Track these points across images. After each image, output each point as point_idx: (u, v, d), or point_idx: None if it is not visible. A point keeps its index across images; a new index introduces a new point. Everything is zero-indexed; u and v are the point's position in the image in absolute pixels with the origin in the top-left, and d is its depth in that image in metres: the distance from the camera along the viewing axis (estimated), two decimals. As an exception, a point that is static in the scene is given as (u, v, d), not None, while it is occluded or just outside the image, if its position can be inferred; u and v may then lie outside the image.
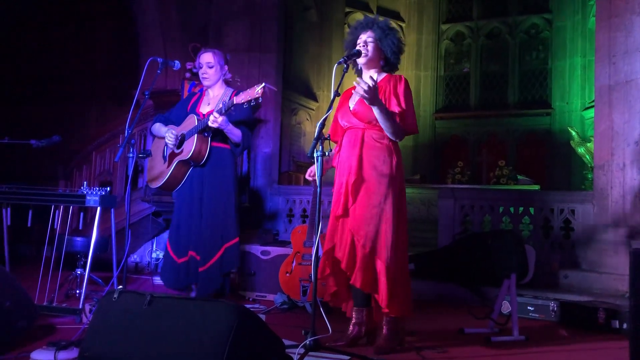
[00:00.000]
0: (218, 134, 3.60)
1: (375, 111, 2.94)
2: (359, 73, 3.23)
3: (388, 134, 3.01)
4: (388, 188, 2.97)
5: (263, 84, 3.22)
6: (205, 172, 3.64)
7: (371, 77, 2.92)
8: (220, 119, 3.40)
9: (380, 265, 2.91)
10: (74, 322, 3.41)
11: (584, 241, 5.16)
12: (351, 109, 3.10)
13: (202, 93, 3.86)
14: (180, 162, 3.60)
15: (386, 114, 2.94)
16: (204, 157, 3.59)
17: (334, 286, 3.12)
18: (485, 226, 5.64)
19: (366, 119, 3.02)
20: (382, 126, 2.98)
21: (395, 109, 3.00)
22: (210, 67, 3.72)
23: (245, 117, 3.64)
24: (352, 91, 3.11)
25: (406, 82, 3.10)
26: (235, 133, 3.59)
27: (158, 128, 3.78)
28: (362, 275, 2.89)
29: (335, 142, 3.26)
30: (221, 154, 3.66)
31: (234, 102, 3.34)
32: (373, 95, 2.84)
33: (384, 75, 3.16)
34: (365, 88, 2.79)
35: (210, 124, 3.42)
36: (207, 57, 3.73)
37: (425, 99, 10.24)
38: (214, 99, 3.74)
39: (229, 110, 3.41)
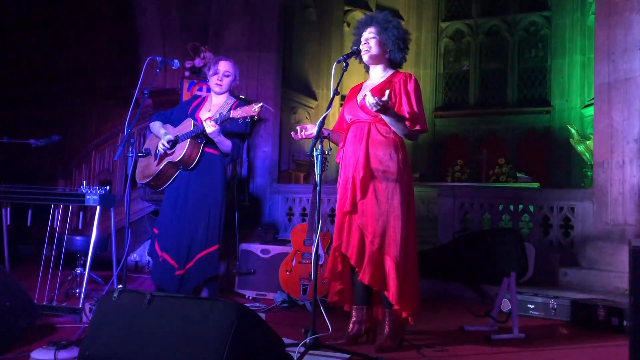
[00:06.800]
0: (211, 140, 3.60)
1: (386, 118, 2.95)
2: (367, 69, 3.22)
3: (402, 136, 3.02)
4: (396, 183, 2.95)
5: (261, 104, 3.22)
6: (192, 176, 3.61)
7: (379, 96, 2.84)
8: (213, 128, 3.40)
9: (390, 263, 2.88)
10: (74, 321, 3.42)
11: (583, 239, 5.16)
12: (359, 102, 3.07)
13: (205, 98, 3.85)
14: (169, 163, 3.59)
15: (397, 119, 2.94)
16: (194, 161, 3.57)
17: (341, 284, 3.07)
18: (485, 224, 5.64)
19: (373, 112, 2.97)
20: (395, 129, 2.99)
21: (406, 108, 2.97)
22: (227, 76, 3.70)
23: (239, 131, 3.62)
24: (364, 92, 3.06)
25: (416, 80, 3.08)
26: (225, 144, 3.57)
27: (157, 128, 3.76)
28: (370, 271, 2.86)
29: (336, 132, 3.24)
30: (211, 160, 3.63)
31: (230, 116, 3.33)
32: (384, 107, 2.82)
33: (391, 71, 3.14)
34: (374, 102, 2.76)
35: (205, 128, 3.42)
36: (226, 66, 3.70)
37: (425, 97, 10.05)
38: (215, 106, 3.72)
39: (224, 123, 3.41)
